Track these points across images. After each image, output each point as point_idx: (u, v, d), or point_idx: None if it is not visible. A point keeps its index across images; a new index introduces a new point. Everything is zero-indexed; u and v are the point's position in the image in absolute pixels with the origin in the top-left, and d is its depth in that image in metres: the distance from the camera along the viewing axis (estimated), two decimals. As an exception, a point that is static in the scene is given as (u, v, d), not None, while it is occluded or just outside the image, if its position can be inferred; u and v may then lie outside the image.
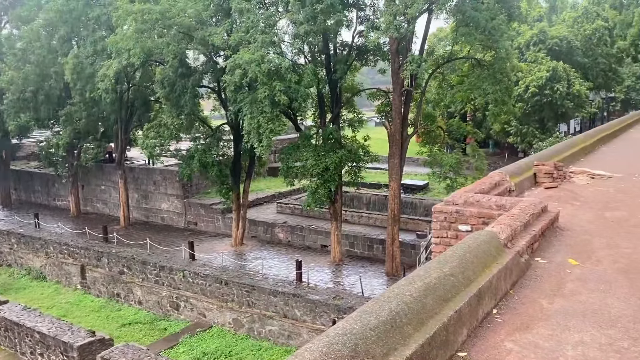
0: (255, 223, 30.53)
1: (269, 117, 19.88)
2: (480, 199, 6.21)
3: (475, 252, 4.10)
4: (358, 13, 24.84)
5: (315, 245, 28.26)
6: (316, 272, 24.70)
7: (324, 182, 22.73)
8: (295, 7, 20.60)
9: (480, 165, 24.75)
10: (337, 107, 25.12)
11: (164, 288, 26.80)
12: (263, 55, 19.18)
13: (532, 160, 8.96)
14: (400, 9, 20.46)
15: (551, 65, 36.01)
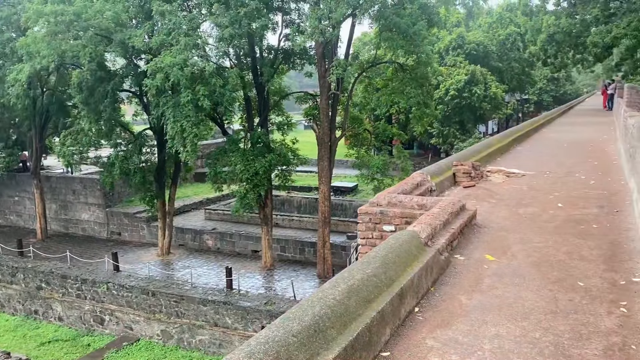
0: (183, 231, 29.74)
1: (193, 121, 19.42)
2: (402, 200, 6.34)
3: (397, 252, 4.17)
4: (284, 17, 24.89)
5: (246, 251, 27.94)
6: (247, 279, 24.40)
7: (254, 187, 22.52)
8: (219, 10, 20.28)
9: (405, 166, 25.47)
10: (265, 110, 25.00)
11: (87, 302, 25.47)
12: (185, 59, 18.72)
13: (452, 161, 9.30)
14: (325, 13, 20.69)
15: (469, 69, 37.74)
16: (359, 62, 25.23)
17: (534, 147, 15.16)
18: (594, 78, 68.55)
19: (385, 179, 24.84)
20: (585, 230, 6.11)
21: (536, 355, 3.24)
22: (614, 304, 4.00)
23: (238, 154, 22.68)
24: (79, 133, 24.13)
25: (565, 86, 62.60)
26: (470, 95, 37.36)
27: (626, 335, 3.49)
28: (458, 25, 43.49)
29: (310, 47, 24.74)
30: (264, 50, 24.53)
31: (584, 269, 4.79)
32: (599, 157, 12.36)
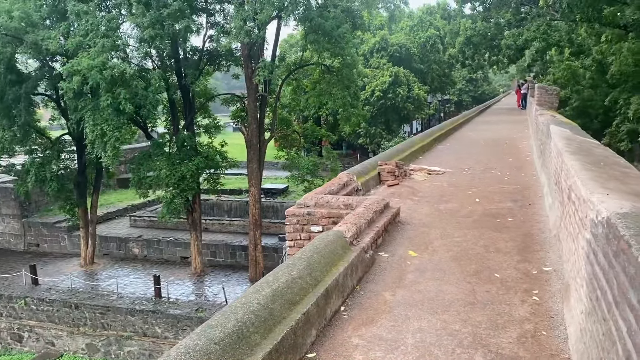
0: (107, 239, 28.50)
1: (114, 125, 18.66)
2: (329, 200, 6.41)
3: (322, 253, 4.20)
4: (208, 18, 24.47)
5: (175, 257, 27.19)
6: (176, 286, 23.76)
7: (181, 192, 21.96)
8: (139, 10, 19.62)
9: (334, 167, 25.78)
10: (191, 113, 24.46)
11: (3, 319, 23.84)
12: (105, 61, 17.95)
13: (377, 160, 9.51)
14: (250, 14, 20.56)
15: (393, 71, 38.80)
16: (286, 64, 25.25)
17: (453, 145, 15.80)
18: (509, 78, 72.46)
19: (315, 179, 25.02)
20: (501, 223, 6.43)
21: (456, 346, 3.37)
22: (527, 293, 4.24)
23: (163, 158, 22.04)
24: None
25: (483, 86, 65.81)
26: (394, 96, 38.39)
27: (538, 322, 3.70)
28: (381, 28, 44.62)
29: (236, 49, 24.50)
30: (187, 52, 24.00)
31: (500, 261, 5.04)
32: (513, 153, 13.07)
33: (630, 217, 2.43)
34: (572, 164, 4.24)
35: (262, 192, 33.43)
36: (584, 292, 2.98)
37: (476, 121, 26.57)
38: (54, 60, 23.07)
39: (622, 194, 3.13)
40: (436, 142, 15.72)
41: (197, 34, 24.32)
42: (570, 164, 4.28)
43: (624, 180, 3.78)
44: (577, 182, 3.59)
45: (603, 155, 5.14)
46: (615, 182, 3.53)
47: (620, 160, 4.97)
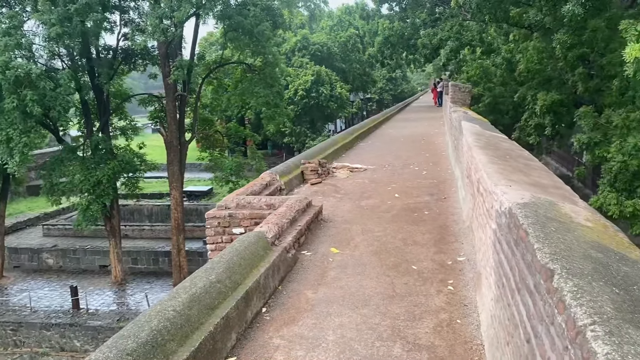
0: (17, 251, 26.64)
1: (21, 129, 17.45)
2: (251, 201, 6.34)
3: (242, 255, 4.13)
4: (122, 15, 23.47)
5: (93, 267, 25.89)
6: (96, 296, 22.64)
7: (97, 198, 20.91)
8: (45, 6, 18.45)
9: (259, 167, 25.58)
10: (105, 114, 23.36)
11: None
12: (7, 61, 16.72)
13: (300, 159, 9.53)
14: (167, 12, 19.93)
15: (315, 70, 39.08)
16: (205, 63, 24.73)
17: (375, 142, 16.17)
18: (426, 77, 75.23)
19: (240, 180, 24.68)
20: (418, 217, 6.64)
21: (375, 340, 3.43)
22: (443, 283, 4.40)
23: (77, 163, 20.90)
24: None
25: (402, 85, 67.84)
26: (317, 95, 38.70)
27: (452, 311, 3.85)
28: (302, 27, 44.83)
29: (153, 48, 23.69)
30: (100, 51, 22.89)
31: (417, 253, 5.20)
32: (430, 149, 13.57)
33: (529, 206, 2.58)
34: (480, 158, 4.45)
35: (185, 195, 32.61)
36: (493, 279, 3.13)
37: (396, 119, 27.36)
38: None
39: (524, 185, 3.32)
40: (358, 140, 16.01)
41: (111, 32, 23.30)
42: (478, 158, 4.49)
43: (527, 172, 4.01)
44: (484, 175, 3.76)
45: (509, 149, 5.44)
46: (519, 174, 3.74)
47: (525, 153, 5.28)
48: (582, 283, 1.64)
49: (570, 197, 3.29)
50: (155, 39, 21.13)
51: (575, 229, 2.35)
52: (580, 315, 1.45)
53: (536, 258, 1.91)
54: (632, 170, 11.75)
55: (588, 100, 17.52)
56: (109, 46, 23.46)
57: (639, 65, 8.59)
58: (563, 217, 2.54)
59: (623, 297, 1.61)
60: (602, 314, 1.44)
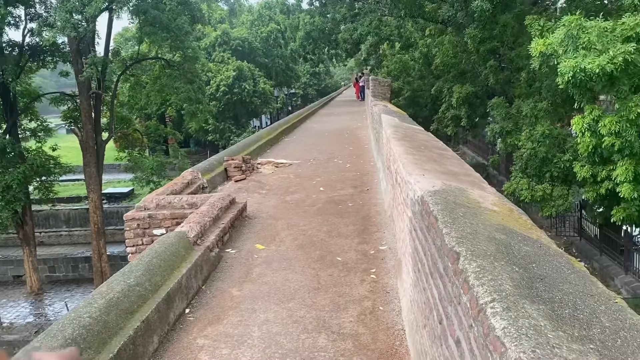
0: None
1: None
2: (172, 200, 6.18)
3: (163, 256, 4.02)
4: (27, 10, 22.00)
5: (6, 277, 24.21)
6: (10, 309, 21.23)
7: (7, 204, 19.56)
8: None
9: (183, 165, 24.92)
10: (13, 115, 21.85)
11: None
12: None
13: (223, 156, 9.39)
14: (77, 6, 18.91)
15: (237, 66, 38.62)
16: (121, 59, 23.74)
17: (300, 137, 16.24)
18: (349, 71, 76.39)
19: (162, 180, 23.93)
20: (342, 209, 6.76)
21: (301, 332, 3.46)
22: (366, 272, 4.50)
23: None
24: None
25: (326, 80, 68.51)
26: (240, 91, 38.30)
27: (375, 299, 3.95)
28: (222, 22, 44.09)
29: (64, 44, 22.42)
30: (5, 47, 21.36)
31: (342, 245, 5.30)
32: (354, 142, 13.82)
33: (439, 194, 2.69)
34: (397, 149, 4.59)
35: (105, 197, 31.22)
36: (410, 265, 3.25)
37: (320, 113, 27.59)
38: None
39: (436, 173, 3.46)
40: (283, 135, 16.00)
41: (15, 27, 21.81)
42: (395, 149, 4.63)
43: (440, 161, 4.19)
44: (400, 165, 3.88)
45: (425, 140, 5.65)
46: (432, 164, 3.89)
47: (439, 144, 5.50)
48: (484, 264, 1.74)
49: (479, 184, 3.47)
50: (65, 35, 20.03)
51: (482, 214, 2.49)
52: (482, 294, 1.54)
53: (444, 242, 2.01)
54: (540, 156, 12.55)
55: (500, 91, 18.51)
56: (14, 42, 21.95)
57: (543, 58, 9.18)
58: (471, 203, 2.68)
59: (522, 275, 1.73)
60: (501, 292, 1.53)
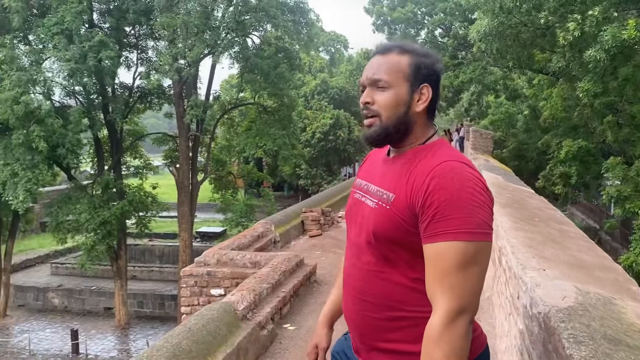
0: (23, 289, 25.98)
1: (26, 164, 17.06)
2: (234, 257, 5.50)
3: (196, 337, 3.26)
4: (139, 54, 23.52)
5: (98, 308, 25.03)
6: (97, 341, 21.71)
7: (102, 238, 20.30)
8: (61, 43, 18.42)
9: (271, 210, 24.78)
10: (118, 152, 23.04)
11: None
12: (16, 96, 16.50)
13: (301, 207, 8.69)
14: (182, 51, 19.77)
15: (334, 114, 38.73)
16: (221, 103, 24.45)
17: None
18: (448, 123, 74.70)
19: (250, 223, 23.90)
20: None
21: None
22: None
23: (85, 201, 20.40)
24: None
25: (423, 129, 67.12)
26: (335, 138, 38.21)
27: None
28: (322, 71, 44.87)
29: (169, 87, 23.55)
30: (116, 88, 22.80)
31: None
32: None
33: (575, 314, 1.68)
34: (502, 220, 3.56)
35: (198, 235, 31.97)
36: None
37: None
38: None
39: (562, 266, 2.42)
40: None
41: (127, 69, 23.30)
42: (500, 220, 3.60)
43: (563, 242, 3.10)
44: (507, 247, 2.87)
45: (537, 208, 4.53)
46: (553, 248, 2.83)
47: (557, 214, 4.36)
48: None
49: (626, 286, 2.37)
50: (169, 78, 20.96)
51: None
52: None
53: None
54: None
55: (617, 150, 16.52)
56: (125, 84, 23.41)
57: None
58: (631, 334, 1.64)
59: None
60: None
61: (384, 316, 1.54)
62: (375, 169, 1.72)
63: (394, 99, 1.58)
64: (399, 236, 1.49)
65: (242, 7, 20.61)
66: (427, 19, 31.87)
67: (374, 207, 1.56)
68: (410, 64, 1.59)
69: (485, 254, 1.42)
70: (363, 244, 1.58)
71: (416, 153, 1.57)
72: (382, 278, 1.54)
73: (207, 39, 19.30)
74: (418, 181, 1.47)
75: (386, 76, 1.59)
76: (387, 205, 1.52)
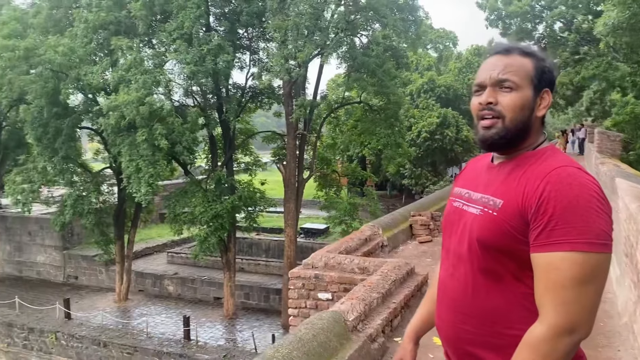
0: (143, 275, 28.13)
1: (149, 160, 18.36)
2: (342, 261, 5.39)
3: (307, 348, 3.16)
4: (252, 56, 24.40)
5: (208, 297, 26.42)
6: (207, 328, 22.89)
7: (214, 230, 21.33)
8: (182, 46, 19.59)
9: (374, 210, 24.60)
10: (230, 150, 24.08)
11: (34, 353, 23.53)
12: (141, 97, 17.79)
13: (409, 210, 8.41)
14: (292, 52, 20.18)
15: (441, 112, 37.64)
16: (327, 102, 24.66)
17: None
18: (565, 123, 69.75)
19: (354, 222, 23.89)
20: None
21: None
22: None
23: (199, 195, 21.57)
24: (31, 171, 22.72)
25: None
26: (442, 137, 37.13)
27: None
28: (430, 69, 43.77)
29: (279, 87, 24.18)
30: (229, 89, 23.84)
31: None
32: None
33: None
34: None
35: (303, 232, 32.60)
36: None
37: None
38: (97, 94, 23.32)
39: None
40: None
41: (240, 71, 24.26)
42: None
43: None
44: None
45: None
46: None
47: None
48: None
49: None
50: (280, 78, 21.51)
51: None
52: None
53: None
54: None
55: None
56: (238, 84, 24.41)
57: None
58: None
59: None
60: None
61: (484, 332, 1.47)
62: (478, 176, 1.66)
63: (520, 102, 1.51)
64: (506, 244, 1.42)
65: (351, 7, 20.60)
66: (546, 12, 29.86)
67: (478, 214, 1.52)
68: (536, 67, 1.54)
69: (605, 268, 1.32)
70: (464, 254, 1.53)
71: (526, 158, 1.51)
72: (485, 291, 1.48)
73: (317, 39, 19.52)
74: (531, 186, 1.39)
75: (514, 77, 1.52)
76: (493, 211, 1.46)
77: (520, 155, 1.53)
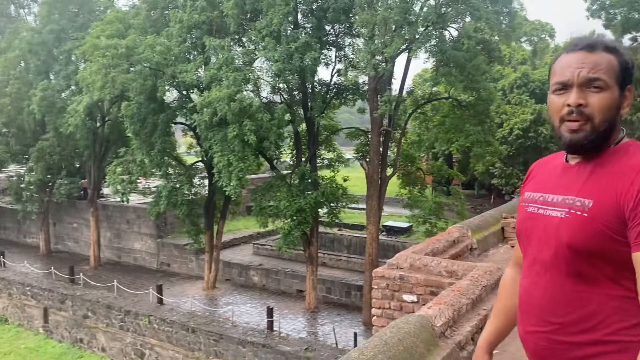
0: (230, 265, 29.21)
1: (239, 155, 18.98)
2: (428, 263, 5.22)
3: (392, 353, 3.06)
4: (337, 52, 24.45)
5: (291, 290, 26.93)
6: (289, 320, 23.33)
7: (298, 224, 21.68)
8: (270, 44, 20.03)
9: (461, 210, 23.85)
10: (314, 146, 24.33)
11: (129, 334, 25.22)
12: (232, 94, 18.39)
13: (501, 212, 8.00)
14: (379, 47, 19.97)
15: (535, 108, 35.68)
16: (413, 98, 24.17)
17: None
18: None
19: (438, 222, 23.30)
20: None
21: None
22: None
23: (284, 189, 22.01)
24: (130, 162, 24.32)
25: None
26: (536, 135, 35.19)
27: None
28: (524, 63, 41.63)
29: (364, 83, 24.04)
30: (315, 85, 24.05)
31: None
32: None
33: None
34: None
35: (385, 229, 32.30)
36: None
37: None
38: (191, 91, 24.45)
39: None
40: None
41: (326, 67, 24.39)
42: None
43: None
44: None
45: None
46: None
47: None
48: None
49: None
50: (366, 74, 21.38)
51: None
52: None
53: None
54: None
55: None
56: (323, 81, 24.57)
57: None
58: None
59: None
60: None
61: (578, 340, 1.39)
62: (552, 178, 1.60)
63: (610, 102, 1.45)
64: (601, 246, 1.34)
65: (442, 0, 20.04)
66: (658, -1, 27.31)
67: (564, 217, 1.44)
68: (620, 63, 1.46)
69: None
70: (548, 260, 1.45)
71: (611, 155, 1.45)
72: (577, 297, 1.39)
73: (405, 34, 19.16)
74: (624, 182, 1.33)
75: (604, 76, 1.45)
76: (582, 212, 1.39)
77: (604, 153, 1.47)
